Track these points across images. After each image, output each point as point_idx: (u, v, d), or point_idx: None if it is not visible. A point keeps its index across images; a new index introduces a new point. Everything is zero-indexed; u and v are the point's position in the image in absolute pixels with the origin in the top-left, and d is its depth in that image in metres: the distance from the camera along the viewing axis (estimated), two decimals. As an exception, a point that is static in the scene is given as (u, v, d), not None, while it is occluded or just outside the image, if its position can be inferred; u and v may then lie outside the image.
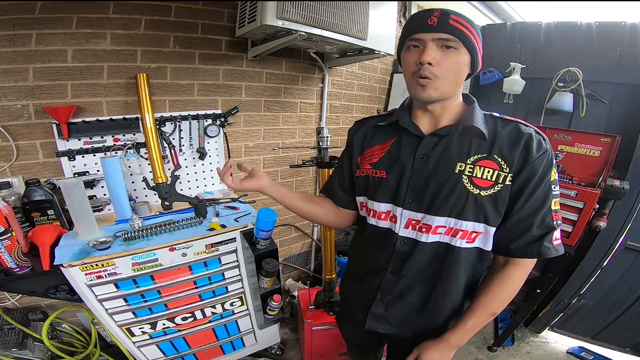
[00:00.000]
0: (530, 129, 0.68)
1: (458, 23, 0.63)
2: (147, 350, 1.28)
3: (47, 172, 1.24)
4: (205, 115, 1.53)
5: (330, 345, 1.59)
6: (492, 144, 0.68)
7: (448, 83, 0.67)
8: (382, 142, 0.80)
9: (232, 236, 1.23)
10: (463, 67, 0.67)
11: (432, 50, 0.64)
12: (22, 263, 0.98)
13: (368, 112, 2.34)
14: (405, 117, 0.77)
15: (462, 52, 0.65)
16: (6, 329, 1.16)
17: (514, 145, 0.67)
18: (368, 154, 0.82)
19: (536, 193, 0.66)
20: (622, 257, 1.73)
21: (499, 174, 0.67)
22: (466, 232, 0.70)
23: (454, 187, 0.68)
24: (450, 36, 0.64)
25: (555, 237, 0.69)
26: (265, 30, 1.30)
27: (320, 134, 1.38)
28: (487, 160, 0.67)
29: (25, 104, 1.15)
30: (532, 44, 1.93)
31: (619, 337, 1.89)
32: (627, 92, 1.64)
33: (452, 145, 0.70)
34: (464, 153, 0.69)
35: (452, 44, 0.64)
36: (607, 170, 1.62)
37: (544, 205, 0.67)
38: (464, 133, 0.70)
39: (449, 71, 0.65)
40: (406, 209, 0.74)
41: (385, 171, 0.77)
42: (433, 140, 0.72)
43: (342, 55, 1.80)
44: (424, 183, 0.71)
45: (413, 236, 0.75)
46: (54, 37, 1.14)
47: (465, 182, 0.68)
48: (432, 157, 0.71)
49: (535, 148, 0.65)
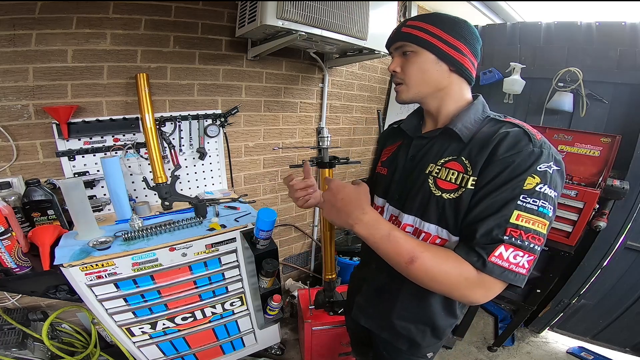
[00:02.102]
0: (514, 129, 0.60)
1: (411, 27, 0.68)
2: (147, 350, 1.28)
3: (47, 172, 1.24)
4: (205, 115, 1.53)
5: (330, 345, 1.59)
6: (466, 145, 0.64)
7: (416, 84, 0.70)
8: (393, 142, 0.87)
9: (232, 236, 1.23)
10: (428, 66, 0.68)
11: (395, 60, 0.72)
12: (22, 263, 0.98)
13: (368, 112, 2.34)
14: (411, 120, 0.82)
15: (420, 52, 0.67)
16: (6, 329, 1.16)
17: (484, 145, 0.60)
18: (383, 153, 0.90)
19: (491, 196, 0.56)
20: (622, 257, 1.74)
21: (463, 177, 0.62)
22: (429, 234, 0.69)
23: (421, 187, 0.70)
24: (403, 42, 0.69)
25: (499, 254, 0.54)
26: (265, 30, 1.30)
27: (320, 134, 1.38)
28: (455, 162, 0.65)
29: (25, 104, 1.15)
30: (532, 44, 1.93)
31: (619, 337, 1.89)
32: (627, 92, 1.64)
33: (434, 147, 0.71)
34: (439, 155, 0.69)
35: (407, 49, 0.69)
36: (607, 170, 1.62)
37: (497, 213, 0.55)
38: (446, 135, 0.69)
39: (412, 74, 0.69)
40: (391, 205, 0.79)
41: (387, 169, 0.84)
42: (421, 143, 0.75)
43: (342, 55, 1.80)
44: (405, 182, 0.75)
45: None
46: (54, 37, 1.14)
47: (430, 183, 0.68)
48: (417, 158, 0.74)
49: (505, 146, 0.57)
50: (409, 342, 0.83)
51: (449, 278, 0.57)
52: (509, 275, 0.54)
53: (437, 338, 0.83)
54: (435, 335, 0.82)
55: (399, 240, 0.58)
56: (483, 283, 0.55)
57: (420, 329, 0.81)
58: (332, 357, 1.64)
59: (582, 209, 1.56)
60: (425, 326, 0.80)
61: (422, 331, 0.81)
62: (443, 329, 0.81)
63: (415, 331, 0.81)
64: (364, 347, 1.14)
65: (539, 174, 0.55)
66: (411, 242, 0.59)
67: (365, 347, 1.13)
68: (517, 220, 0.54)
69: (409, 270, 0.58)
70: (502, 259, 0.54)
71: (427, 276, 0.57)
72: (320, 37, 1.34)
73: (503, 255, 0.54)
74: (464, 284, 0.56)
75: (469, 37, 0.67)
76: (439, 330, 0.81)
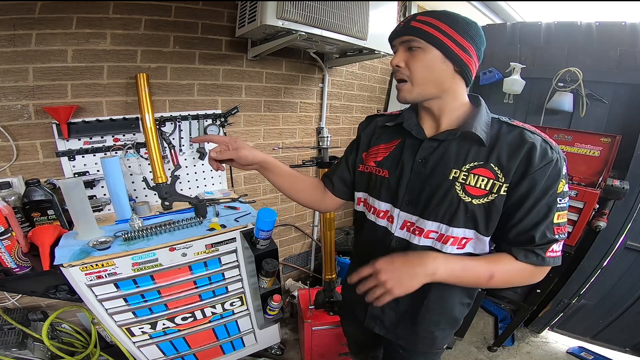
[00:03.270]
0: (537, 137, 0.64)
1: (421, 22, 0.65)
2: (147, 350, 1.28)
3: (47, 172, 1.24)
4: (205, 115, 1.53)
5: (330, 345, 1.59)
6: (491, 151, 0.65)
7: (421, 83, 0.67)
8: (388, 141, 0.81)
9: (232, 236, 1.23)
10: (434, 64, 0.65)
11: (399, 54, 0.69)
12: (22, 263, 0.98)
13: (368, 112, 2.34)
14: (411, 119, 0.77)
15: (428, 49, 0.65)
16: (6, 329, 1.16)
17: (513, 153, 0.63)
18: (373, 151, 0.83)
19: (538, 206, 0.63)
20: (622, 257, 1.73)
21: (494, 183, 0.64)
22: (457, 238, 0.69)
23: (446, 194, 0.68)
24: (411, 37, 0.66)
25: (552, 249, 0.66)
26: (265, 30, 1.30)
27: (320, 134, 1.38)
28: (483, 168, 0.65)
29: (25, 104, 1.15)
30: (532, 44, 1.93)
31: (619, 337, 1.89)
32: (627, 92, 1.64)
33: (450, 150, 0.69)
34: (461, 159, 0.67)
35: (415, 44, 0.66)
36: (607, 170, 1.62)
37: (546, 219, 0.63)
38: (463, 138, 0.68)
39: (418, 71, 0.66)
40: (403, 211, 0.75)
41: (388, 171, 0.78)
42: (432, 145, 0.72)
43: (342, 55, 1.80)
44: (421, 186, 0.72)
45: (407, 237, 0.75)
46: (54, 37, 1.14)
47: (458, 189, 0.67)
48: (431, 161, 0.71)
49: (537, 158, 0.61)
50: (430, 341, 0.83)
51: (518, 278, 0.69)
52: (557, 260, 0.67)
53: (454, 329, 0.86)
54: (453, 327, 0.85)
55: (475, 267, 0.67)
56: (542, 270, 0.69)
57: (442, 327, 0.82)
58: (332, 357, 1.64)
59: (582, 209, 1.56)
60: (447, 323, 0.82)
61: (443, 329, 0.82)
62: (459, 319, 0.84)
63: (438, 331, 0.82)
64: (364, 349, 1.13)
65: (564, 177, 0.64)
66: (483, 263, 0.68)
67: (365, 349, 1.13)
68: (558, 220, 0.65)
69: (489, 284, 0.68)
70: (554, 251, 0.66)
71: (504, 282, 0.69)
72: (320, 37, 1.34)
73: (555, 249, 0.66)
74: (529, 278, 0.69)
75: (477, 39, 0.66)
76: (457, 322, 0.84)
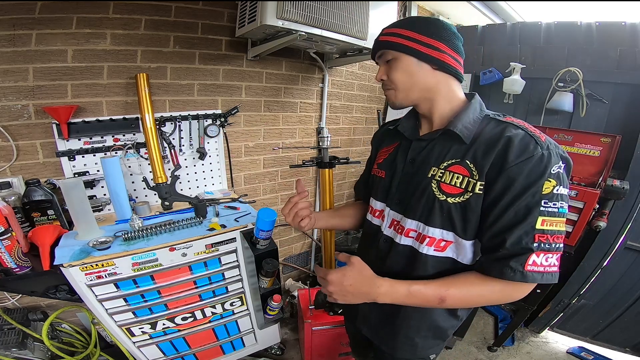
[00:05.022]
0: (519, 131, 0.59)
1: (387, 35, 0.70)
2: (147, 350, 1.28)
3: (47, 172, 1.24)
4: (205, 115, 1.53)
5: (330, 345, 1.59)
6: (469, 148, 0.64)
7: (404, 88, 0.71)
8: (390, 144, 0.85)
9: (232, 236, 1.23)
10: (410, 69, 0.68)
11: (380, 69, 0.74)
12: (22, 263, 0.98)
13: (368, 112, 2.34)
14: (407, 122, 0.80)
15: (400, 58, 0.69)
16: (6, 329, 1.16)
17: (489, 149, 0.60)
18: (379, 155, 0.88)
19: (514, 206, 0.56)
20: (622, 257, 1.73)
21: (469, 181, 0.61)
22: (434, 239, 0.68)
23: (424, 192, 0.68)
24: (382, 50, 0.72)
25: (533, 262, 0.56)
26: (265, 30, 1.30)
27: (320, 134, 1.38)
28: (459, 165, 0.64)
29: (25, 104, 1.15)
30: (532, 44, 1.93)
31: (619, 337, 1.89)
32: (627, 92, 1.64)
33: (434, 149, 0.70)
34: (441, 157, 0.68)
35: (387, 57, 0.71)
36: (607, 170, 1.62)
37: (523, 221, 0.56)
38: (447, 137, 0.68)
39: (397, 79, 0.70)
40: (392, 209, 0.77)
41: (385, 171, 0.82)
42: (420, 145, 0.74)
43: (342, 55, 1.80)
44: (407, 186, 0.74)
45: (392, 235, 0.77)
46: (54, 37, 1.14)
47: (434, 187, 0.67)
48: (417, 161, 0.73)
49: (514, 152, 0.56)
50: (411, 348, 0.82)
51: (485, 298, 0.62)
52: (547, 277, 0.57)
53: (440, 339, 0.82)
54: (437, 337, 0.81)
55: (421, 291, 0.63)
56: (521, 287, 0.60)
57: (422, 334, 0.80)
58: (332, 357, 1.64)
59: (582, 209, 1.55)
60: (428, 330, 0.79)
61: (424, 336, 0.80)
62: (445, 329, 0.80)
63: (418, 338, 0.80)
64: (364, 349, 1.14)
65: (553, 177, 0.56)
66: (432, 287, 0.63)
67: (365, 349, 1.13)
68: (542, 226, 0.56)
69: (443, 306, 0.64)
70: (537, 265, 0.56)
71: (463, 304, 0.64)
72: (320, 37, 1.34)
73: (536, 261, 0.56)
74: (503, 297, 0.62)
75: (444, 34, 0.67)
76: (441, 331, 0.80)
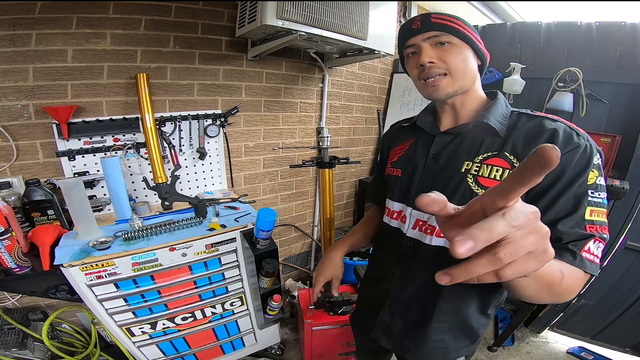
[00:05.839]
0: (559, 124, 0.59)
1: (440, 19, 0.65)
2: (147, 350, 1.28)
3: (47, 172, 1.24)
4: (205, 115, 1.53)
5: (330, 345, 1.59)
6: (506, 141, 0.62)
7: (461, 76, 0.66)
8: (403, 142, 0.81)
9: (232, 236, 1.23)
10: (468, 57, 0.66)
11: (427, 51, 0.66)
12: (22, 263, 0.98)
13: (368, 112, 2.34)
14: (426, 117, 0.77)
15: (458, 43, 0.65)
16: (6, 329, 1.16)
17: (531, 141, 0.59)
18: (392, 154, 0.84)
19: (564, 196, 0.54)
20: (622, 257, 1.73)
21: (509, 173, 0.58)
22: None
23: (458, 187, 0.64)
24: (438, 32, 0.65)
25: (588, 249, 0.53)
26: (265, 30, 1.30)
27: (320, 134, 1.38)
28: (497, 158, 0.61)
29: (25, 104, 1.15)
30: (532, 44, 1.93)
31: (619, 337, 1.89)
32: (627, 92, 1.64)
33: (463, 143, 0.67)
34: (474, 151, 0.65)
35: (444, 39, 0.65)
36: (607, 170, 1.62)
37: (574, 212, 0.53)
38: (477, 130, 0.65)
39: (457, 64, 0.65)
40: (415, 209, 0.72)
41: (401, 170, 0.77)
42: (446, 139, 0.70)
43: (342, 55, 1.80)
44: (433, 182, 0.69)
45: (418, 237, 0.72)
46: (54, 37, 1.14)
47: (470, 181, 0.63)
48: (443, 156, 0.69)
49: (562, 143, 0.55)
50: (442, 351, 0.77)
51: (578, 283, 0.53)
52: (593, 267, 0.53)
53: (470, 339, 0.78)
54: (468, 337, 0.77)
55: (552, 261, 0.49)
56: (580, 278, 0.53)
57: (454, 334, 0.75)
58: (332, 357, 1.64)
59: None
60: (460, 330, 0.75)
61: (455, 337, 0.76)
62: (476, 329, 0.76)
63: (449, 338, 0.76)
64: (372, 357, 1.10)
65: (595, 168, 0.55)
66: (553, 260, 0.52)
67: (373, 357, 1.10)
68: (590, 216, 0.54)
69: (558, 289, 0.49)
70: (591, 253, 0.53)
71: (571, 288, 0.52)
72: (320, 37, 1.34)
73: (591, 249, 0.53)
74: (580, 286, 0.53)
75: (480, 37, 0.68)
76: (473, 331, 0.76)
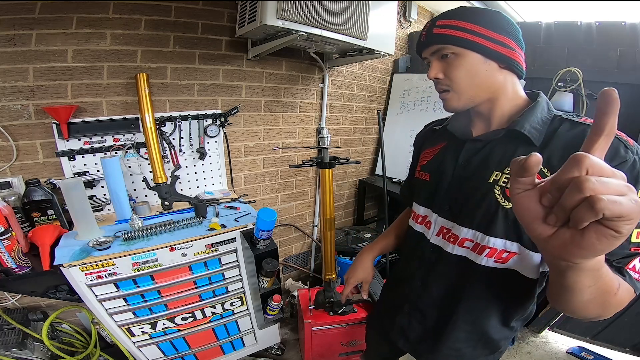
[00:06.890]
0: None
1: (445, 28, 0.60)
2: (147, 350, 1.28)
3: (47, 172, 1.24)
4: (205, 115, 1.53)
5: (330, 345, 1.59)
6: (542, 151, 0.54)
7: (467, 90, 0.62)
8: (433, 145, 0.78)
9: (232, 236, 1.23)
10: (476, 67, 0.60)
11: (433, 65, 0.64)
12: (22, 263, 0.98)
13: (368, 112, 2.34)
14: (457, 121, 0.73)
15: (464, 54, 0.60)
16: (6, 329, 1.16)
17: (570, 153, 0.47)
18: (422, 157, 0.81)
19: None
20: (622, 257, 1.73)
21: None
22: (494, 249, 0.61)
23: (484, 198, 0.61)
24: (440, 45, 0.61)
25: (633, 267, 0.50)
26: (265, 30, 1.30)
27: (320, 134, 1.38)
28: None
29: (25, 104, 1.15)
30: (532, 44, 1.93)
31: (619, 337, 1.89)
32: (627, 92, 1.64)
33: (494, 151, 0.62)
34: (505, 161, 0.60)
35: (447, 52, 0.61)
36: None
37: None
38: (511, 138, 0.60)
39: (460, 78, 0.61)
40: (440, 216, 0.71)
41: (430, 174, 0.75)
42: (476, 146, 0.66)
43: (342, 55, 1.80)
44: (460, 191, 0.66)
45: (440, 244, 0.71)
46: (54, 37, 1.14)
47: (497, 193, 0.59)
48: (473, 163, 0.65)
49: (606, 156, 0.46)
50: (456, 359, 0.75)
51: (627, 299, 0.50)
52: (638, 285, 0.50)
53: (489, 350, 0.73)
54: (488, 347, 0.73)
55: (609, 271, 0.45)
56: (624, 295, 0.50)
57: (473, 344, 0.72)
58: (332, 357, 1.64)
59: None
60: (478, 341, 0.72)
61: (473, 347, 0.72)
62: (497, 341, 0.71)
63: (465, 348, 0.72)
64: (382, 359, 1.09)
65: None
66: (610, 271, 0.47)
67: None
68: (637, 239, 0.49)
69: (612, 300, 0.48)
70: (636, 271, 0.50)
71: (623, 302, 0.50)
72: (320, 37, 1.34)
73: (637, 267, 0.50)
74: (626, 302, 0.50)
75: (509, 28, 0.60)
76: (493, 342, 0.72)
